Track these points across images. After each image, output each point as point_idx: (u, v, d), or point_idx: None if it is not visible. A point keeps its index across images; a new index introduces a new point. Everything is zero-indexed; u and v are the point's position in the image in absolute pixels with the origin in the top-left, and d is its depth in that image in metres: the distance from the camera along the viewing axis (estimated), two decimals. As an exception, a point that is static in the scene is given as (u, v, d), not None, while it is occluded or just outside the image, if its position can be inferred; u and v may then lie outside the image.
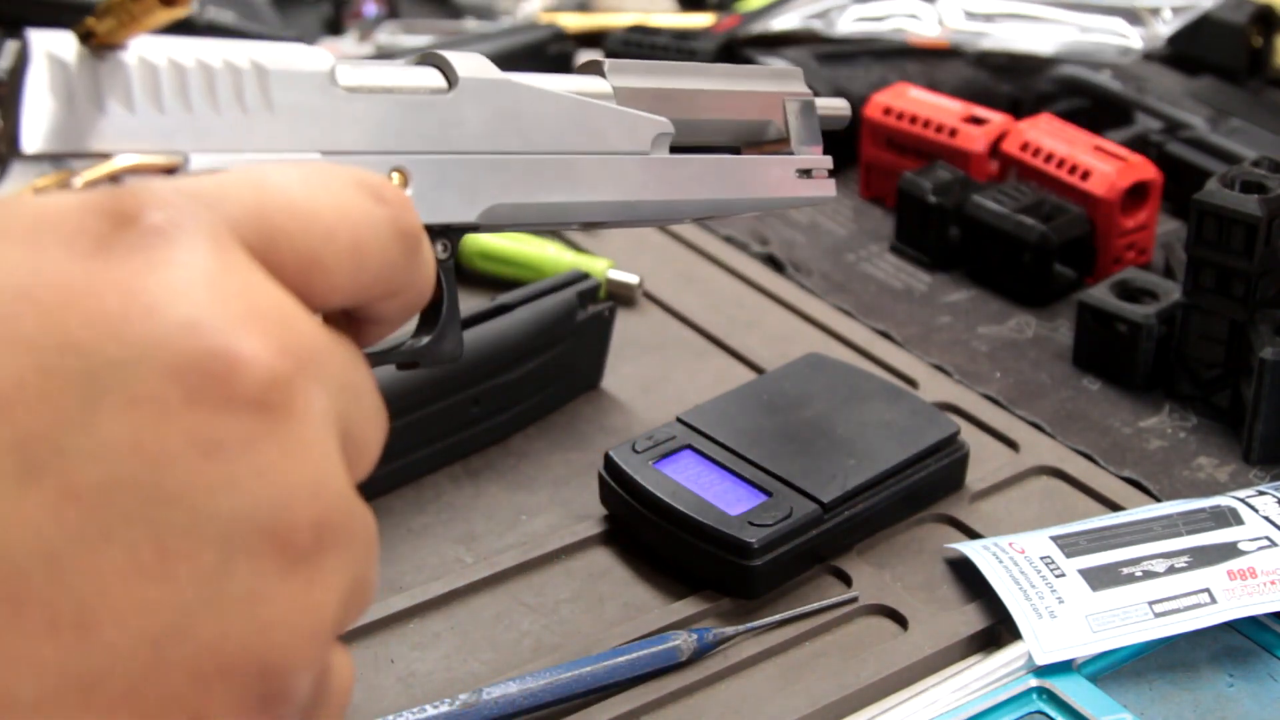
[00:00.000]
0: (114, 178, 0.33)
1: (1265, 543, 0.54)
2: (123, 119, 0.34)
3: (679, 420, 0.60)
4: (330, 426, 0.29)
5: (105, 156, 0.34)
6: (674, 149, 0.48)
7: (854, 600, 0.55)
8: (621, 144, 0.46)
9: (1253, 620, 0.53)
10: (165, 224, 0.28)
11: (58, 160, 0.34)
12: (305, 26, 1.01)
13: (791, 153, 0.52)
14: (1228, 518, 0.55)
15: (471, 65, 0.42)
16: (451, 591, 0.55)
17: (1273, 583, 0.52)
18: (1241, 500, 0.56)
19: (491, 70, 0.43)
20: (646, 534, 0.57)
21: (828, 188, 0.53)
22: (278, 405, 0.28)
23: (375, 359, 0.41)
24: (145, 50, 0.35)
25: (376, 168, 0.39)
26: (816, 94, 0.53)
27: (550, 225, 0.47)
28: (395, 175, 0.40)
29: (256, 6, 0.95)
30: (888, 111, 0.80)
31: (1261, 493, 0.57)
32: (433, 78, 0.42)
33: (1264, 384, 0.61)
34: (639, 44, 0.92)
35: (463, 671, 0.52)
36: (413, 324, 0.42)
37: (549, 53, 0.91)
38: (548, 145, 0.44)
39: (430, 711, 0.49)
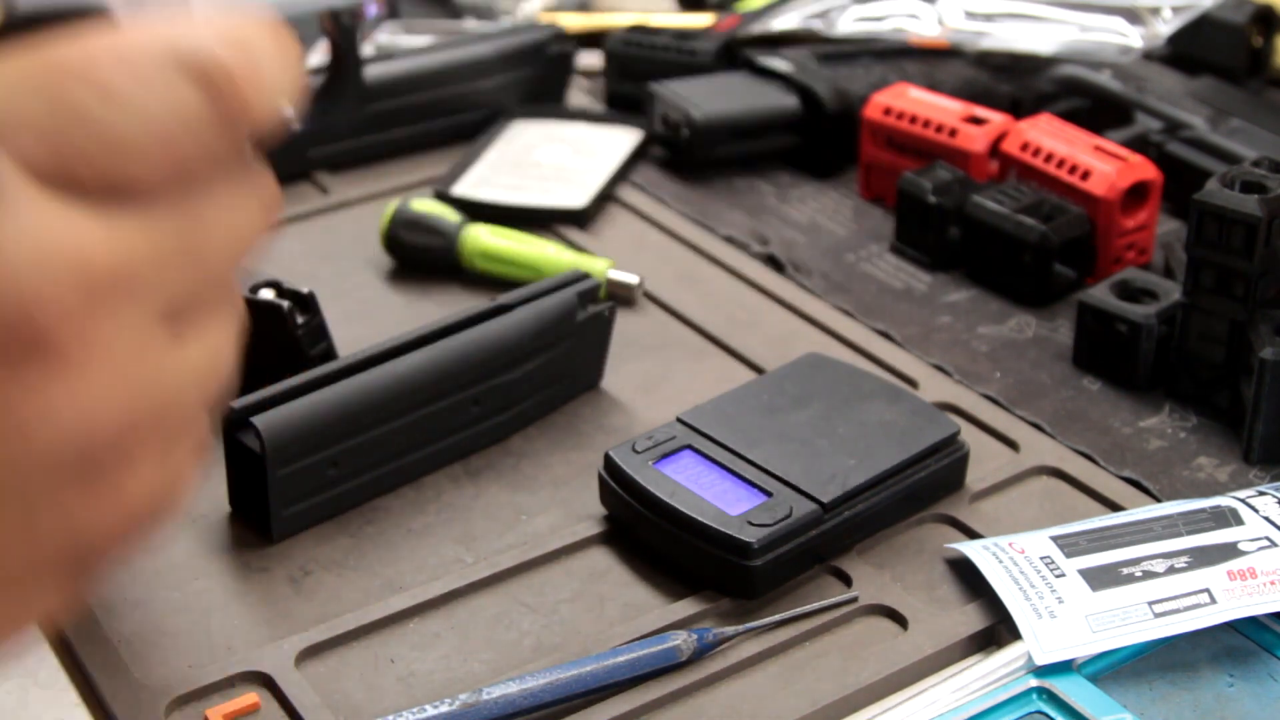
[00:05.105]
0: None
1: (1265, 543, 0.54)
2: None
3: (679, 420, 0.60)
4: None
5: None
6: None
7: (854, 600, 0.55)
8: None
9: (1253, 620, 0.53)
10: None
11: None
12: (305, 27, 1.01)
13: None
14: (1228, 518, 0.55)
15: None
16: (451, 591, 0.55)
17: (1273, 583, 0.52)
18: (1241, 500, 0.56)
19: None
20: (646, 534, 0.57)
21: None
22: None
23: None
24: None
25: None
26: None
27: None
28: None
29: (256, 6, 0.95)
30: (888, 111, 0.80)
31: (1261, 493, 0.57)
32: None
33: (1264, 384, 0.60)
34: (639, 44, 0.92)
35: (463, 671, 0.52)
36: None
37: (549, 53, 0.91)
38: None
39: (430, 711, 0.49)
